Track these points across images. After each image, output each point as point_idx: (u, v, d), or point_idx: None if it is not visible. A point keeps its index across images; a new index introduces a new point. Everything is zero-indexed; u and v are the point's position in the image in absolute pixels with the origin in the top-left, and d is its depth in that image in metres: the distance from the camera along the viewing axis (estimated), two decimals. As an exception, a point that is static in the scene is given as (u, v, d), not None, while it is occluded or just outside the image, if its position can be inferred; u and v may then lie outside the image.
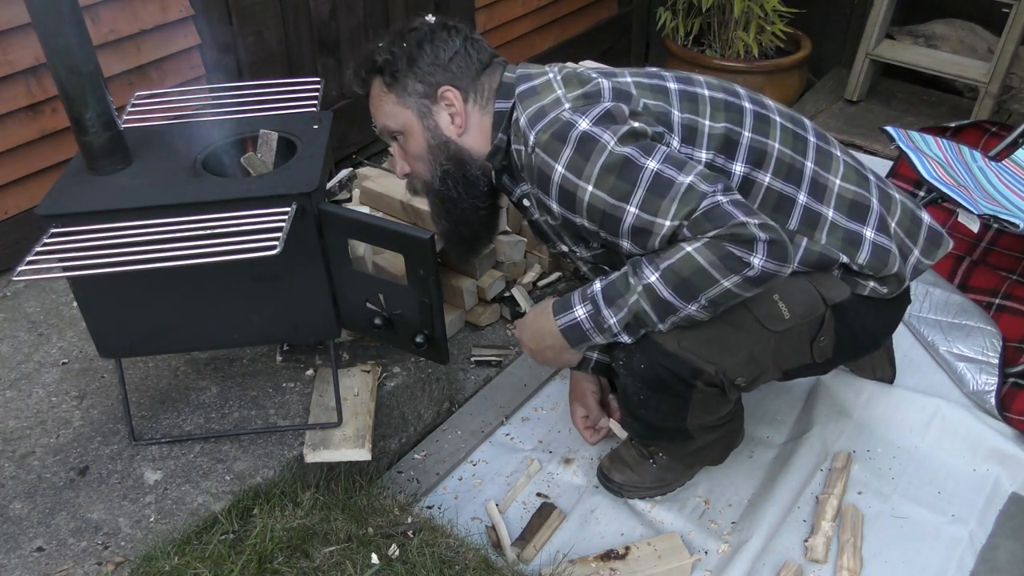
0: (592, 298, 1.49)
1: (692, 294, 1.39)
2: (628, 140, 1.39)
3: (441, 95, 1.53)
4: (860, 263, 1.54)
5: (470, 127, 1.56)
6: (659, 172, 1.37)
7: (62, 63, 1.43)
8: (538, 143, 1.43)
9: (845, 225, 1.55)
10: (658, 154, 1.39)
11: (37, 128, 2.17)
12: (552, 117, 1.43)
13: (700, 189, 1.36)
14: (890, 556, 1.70)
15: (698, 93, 1.53)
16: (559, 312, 1.53)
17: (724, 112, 1.52)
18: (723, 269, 1.35)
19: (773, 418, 2.04)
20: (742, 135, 1.51)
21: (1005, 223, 2.02)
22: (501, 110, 1.54)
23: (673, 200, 1.36)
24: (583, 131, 1.39)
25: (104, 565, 1.51)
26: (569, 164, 1.40)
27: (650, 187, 1.37)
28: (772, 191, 1.52)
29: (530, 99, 1.49)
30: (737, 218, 1.33)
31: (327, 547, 1.54)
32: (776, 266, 1.36)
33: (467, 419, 2.03)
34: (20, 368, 1.95)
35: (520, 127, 1.48)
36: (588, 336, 1.51)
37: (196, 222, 1.41)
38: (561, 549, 1.73)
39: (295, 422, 1.79)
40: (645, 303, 1.43)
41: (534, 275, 2.34)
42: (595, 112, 1.41)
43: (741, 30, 3.26)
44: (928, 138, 2.40)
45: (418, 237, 1.52)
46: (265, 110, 1.76)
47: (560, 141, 1.40)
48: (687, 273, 1.37)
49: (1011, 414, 1.94)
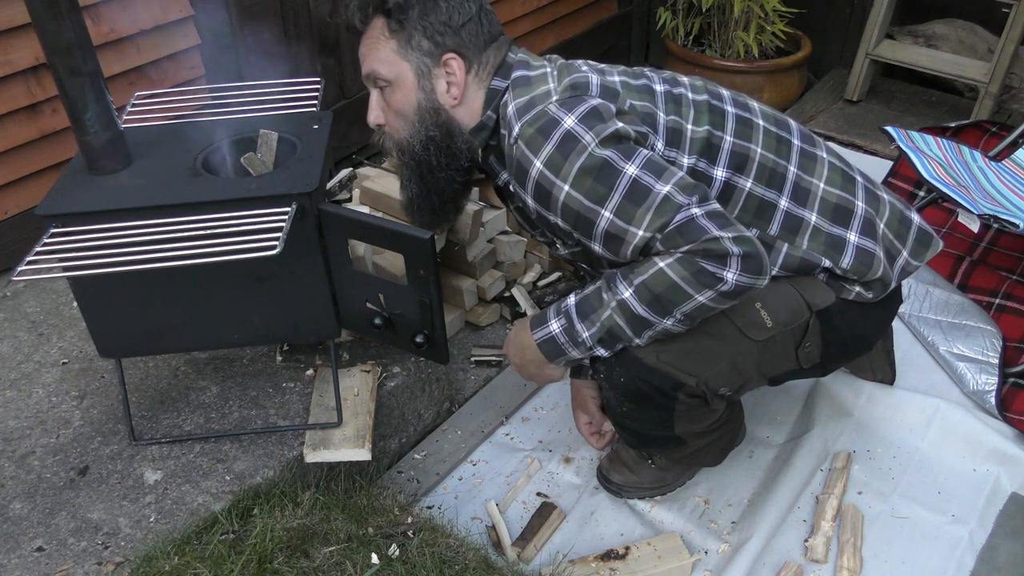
0: (566, 312, 1.48)
1: (667, 309, 1.38)
2: (610, 143, 1.37)
3: (445, 61, 1.47)
4: (844, 267, 1.52)
5: (465, 100, 1.51)
6: (637, 178, 1.35)
7: (62, 63, 1.43)
8: (521, 135, 1.41)
9: (828, 229, 1.53)
10: (638, 159, 1.37)
11: (37, 128, 2.17)
12: (539, 111, 1.40)
13: (676, 200, 1.34)
14: (890, 556, 1.70)
15: (682, 95, 1.51)
16: (535, 327, 1.53)
17: (708, 115, 1.50)
18: (696, 284, 1.34)
19: (773, 418, 2.04)
20: (724, 139, 1.49)
21: (1005, 223, 2.02)
22: (496, 88, 1.50)
23: (648, 210, 1.34)
24: (566, 129, 1.37)
25: (104, 565, 1.51)
26: (548, 161, 1.38)
27: (626, 194, 1.35)
28: (753, 196, 1.50)
29: (523, 88, 1.46)
30: (710, 232, 1.32)
31: (327, 547, 1.54)
32: (750, 279, 1.34)
33: (467, 419, 2.03)
34: (20, 368, 1.96)
35: (508, 115, 1.45)
36: (564, 351, 1.50)
37: (196, 222, 1.41)
38: (561, 549, 1.74)
39: (295, 422, 1.79)
40: (619, 318, 1.42)
41: (534, 275, 2.34)
42: (581, 109, 1.38)
43: (741, 30, 3.26)
44: (928, 138, 2.40)
45: (418, 237, 1.52)
46: (265, 110, 1.76)
47: (543, 137, 1.38)
48: (660, 289, 1.36)
49: (1011, 414, 1.94)
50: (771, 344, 1.52)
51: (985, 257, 2.45)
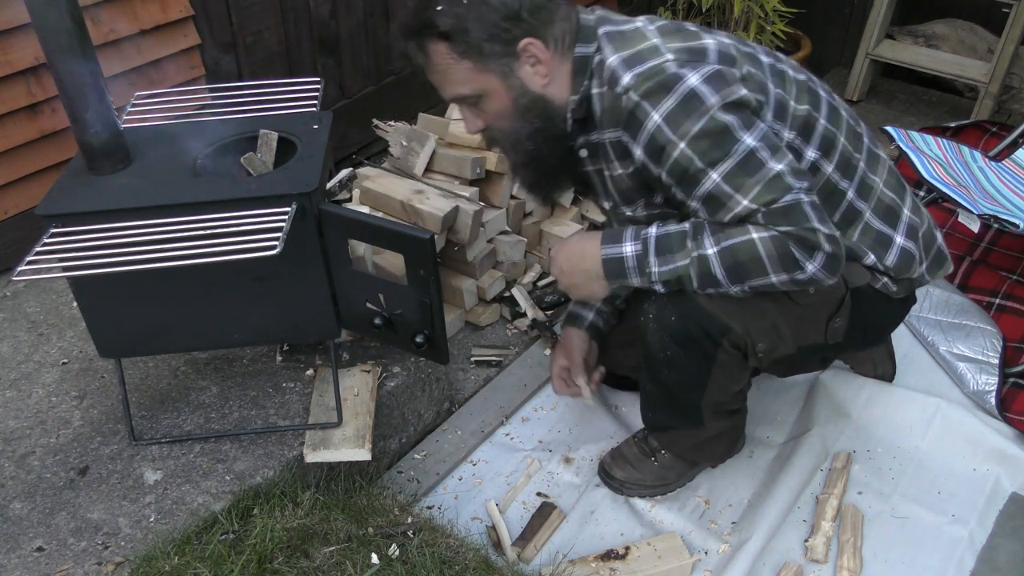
0: (644, 240, 1.48)
1: (741, 278, 1.42)
2: (732, 108, 1.37)
3: (523, 48, 1.41)
4: (887, 264, 1.58)
5: (554, 76, 1.46)
6: (754, 151, 1.37)
7: (62, 63, 1.43)
8: (635, 87, 1.38)
9: (878, 227, 1.58)
10: (757, 131, 1.38)
11: (37, 128, 2.17)
12: (654, 65, 1.37)
13: (787, 181, 1.37)
14: (890, 556, 1.70)
15: (785, 72, 1.52)
16: (608, 242, 1.51)
17: (807, 95, 1.52)
18: (778, 265, 1.38)
19: (773, 418, 2.04)
20: (818, 121, 1.51)
21: (1005, 223, 2.02)
22: (583, 55, 1.45)
23: (759, 183, 1.37)
24: (692, 87, 1.36)
25: (104, 565, 1.51)
26: (668, 116, 1.37)
27: (740, 162, 1.37)
28: (830, 183, 1.53)
29: (619, 42, 1.43)
30: (811, 223, 1.37)
31: (327, 547, 1.54)
32: (824, 276, 1.41)
33: (467, 419, 2.03)
34: (20, 368, 1.95)
35: (609, 68, 1.41)
36: (626, 274, 1.50)
37: (196, 222, 1.41)
38: (561, 549, 1.73)
39: (295, 422, 1.79)
40: (693, 270, 1.44)
41: (534, 275, 2.34)
42: (705, 70, 1.37)
43: (741, 30, 3.25)
44: (928, 138, 2.41)
45: (418, 237, 1.52)
46: (265, 110, 1.76)
47: (664, 90, 1.36)
48: (744, 258, 1.39)
49: (1011, 414, 1.94)
50: (809, 311, 1.56)
51: (985, 257, 2.45)
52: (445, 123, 2.21)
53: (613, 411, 2.07)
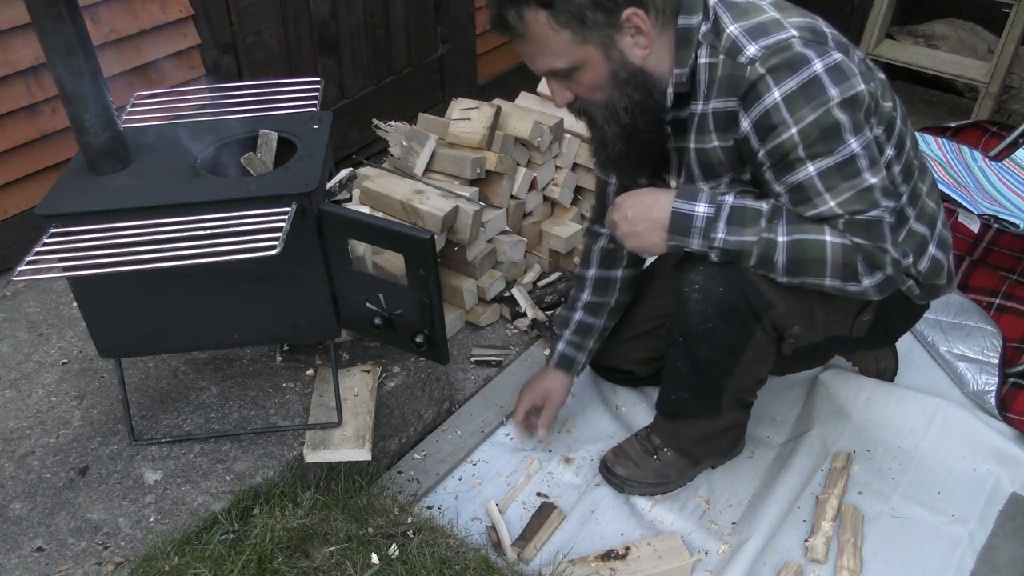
0: (719, 206, 1.45)
1: (798, 273, 1.43)
2: (847, 106, 1.36)
3: (627, 19, 1.37)
4: (920, 269, 1.61)
5: (655, 49, 1.42)
6: (856, 156, 1.37)
7: (62, 63, 1.43)
8: (763, 59, 1.35)
9: (922, 232, 1.60)
10: (863, 139, 1.38)
11: (37, 128, 2.17)
12: (782, 40, 1.36)
13: (876, 196, 1.38)
14: (890, 556, 1.70)
15: (872, 68, 1.52)
16: (683, 196, 1.48)
17: (889, 93, 1.52)
18: (839, 272, 1.41)
19: (773, 418, 2.04)
20: (896, 122, 1.52)
21: (1005, 223, 2.02)
22: (686, 26, 1.41)
23: (851, 190, 1.37)
24: (816, 73, 1.34)
25: (104, 565, 1.51)
26: (788, 97, 1.35)
27: (840, 164, 1.37)
28: (893, 183, 1.53)
29: (737, 12, 1.40)
30: (885, 243, 1.39)
31: (327, 547, 1.54)
32: (874, 293, 1.44)
33: (467, 419, 2.03)
34: (20, 368, 1.96)
35: (730, 37, 1.38)
36: (689, 234, 1.47)
37: (196, 222, 1.41)
38: (561, 549, 1.73)
39: (295, 422, 1.79)
40: (756, 250, 1.44)
41: (534, 275, 2.34)
42: (829, 59, 1.36)
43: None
44: (928, 138, 2.41)
45: (418, 237, 1.52)
46: (265, 110, 1.76)
47: (789, 69, 1.34)
48: (809, 255, 1.40)
49: (1011, 414, 1.94)
50: (841, 303, 1.56)
51: (985, 257, 2.45)
52: (445, 123, 2.21)
53: (613, 411, 2.07)
